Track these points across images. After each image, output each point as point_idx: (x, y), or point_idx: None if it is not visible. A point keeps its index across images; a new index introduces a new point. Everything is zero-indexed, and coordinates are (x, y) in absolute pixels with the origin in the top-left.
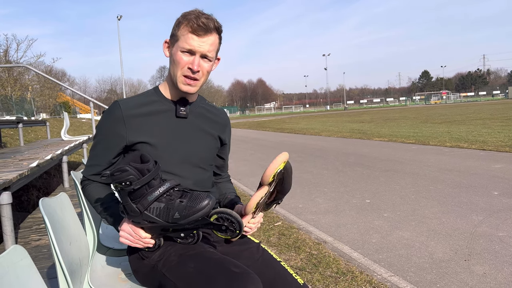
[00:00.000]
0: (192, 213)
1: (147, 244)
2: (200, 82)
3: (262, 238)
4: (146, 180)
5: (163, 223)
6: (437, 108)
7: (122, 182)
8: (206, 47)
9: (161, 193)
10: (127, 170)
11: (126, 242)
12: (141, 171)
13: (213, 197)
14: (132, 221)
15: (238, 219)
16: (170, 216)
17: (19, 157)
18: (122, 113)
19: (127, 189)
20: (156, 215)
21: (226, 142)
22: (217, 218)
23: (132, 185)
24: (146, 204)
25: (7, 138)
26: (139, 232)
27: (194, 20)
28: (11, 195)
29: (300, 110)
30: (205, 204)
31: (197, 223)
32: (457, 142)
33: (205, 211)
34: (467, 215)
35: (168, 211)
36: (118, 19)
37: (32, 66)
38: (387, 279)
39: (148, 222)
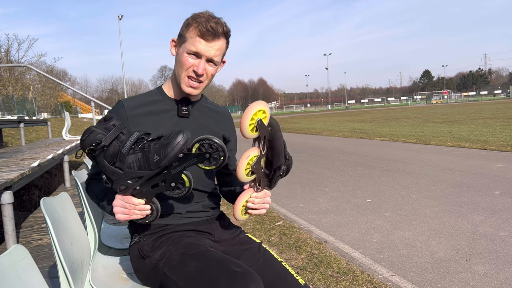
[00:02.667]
0: (170, 149)
1: (143, 210)
2: (203, 84)
3: (263, 237)
4: (115, 134)
5: (147, 172)
6: (439, 108)
7: (92, 143)
8: (213, 51)
9: (132, 141)
10: (94, 130)
11: (123, 217)
12: (107, 128)
13: (186, 130)
14: (119, 190)
15: (220, 144)
16: (151, 161)
17: (21, 156)
18: (125, 112)
19: (99, 149)
20: (137, 167)
21: (230, 140)
22: (199, 148)
23: (102, 142)
24: (123, 157)
25: (8, 138)
26: (131, 199)
27: (203, 24)
28: (13, 194)
29: (301, 110)
30: (180, 137)
31: (181, 161)
32: (458, 142)
33: (182, 142)
34: (468, 215)
35: (147, 157)
36: (119, 19)
37: (33, 65)
38: (388, 278)
39: (133, 180)
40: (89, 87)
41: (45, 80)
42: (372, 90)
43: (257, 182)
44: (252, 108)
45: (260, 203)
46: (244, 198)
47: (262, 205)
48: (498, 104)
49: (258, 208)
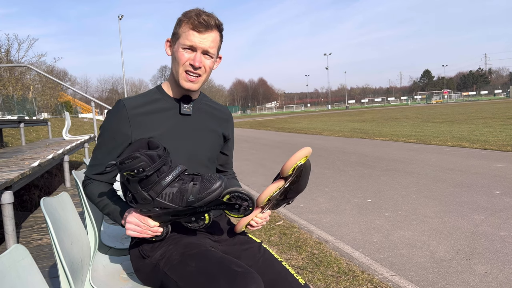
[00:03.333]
0: (206, 194)
1: (155, 232)
2: (202, 78)
3: (263, 237)
4: (158, 166)
5: (176, 207)
6: (439, 108)
7: (134, 170)
8: (207, 43)
9: (174, 177)
10: (139, 157)
11: (133, 234)
12: (152, 157)
13: (224, 178)
14: (140, 211)
15: (250, 196)
16: (184, 199)
17: (21, 156)
18: (127, 112)
19: (139, 177)
20: (169, 200)
21: (230, 137)
22: (229, 198)
23: (145, 171)
24: (159, 190)
25: (9, 138)
26: (147, 221)
27: (194, 17)
28: (13, 194)
29: (301, 110)
30: (218, 185)
31: (210, 204)
32: (458, 142)
33: (219, 192)
34: (468, 215)
35: (182, 195)
36: (119, 19)
37: (33, 65)
38: (389, 278)
39: (159, 208)
40: (89, 87)
41: (45, 80)
42: (372, 90)
43: (267, 206)
44: (300, 154)
45: (261, 223)
46: (251, 217)
47: (262, 223)
48: (498, 103)
49: (257, 226)
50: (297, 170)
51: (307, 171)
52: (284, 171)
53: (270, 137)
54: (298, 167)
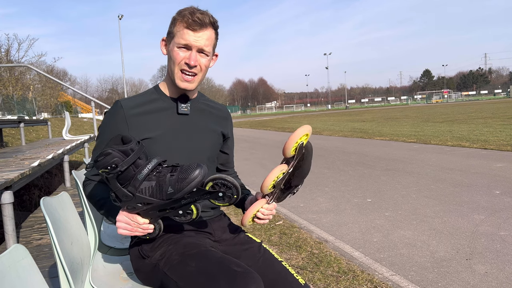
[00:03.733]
0: (185, 184)
1: (146, 229)
2: (198, 77)
3: (263, 237)
4: (131, 160)
5: (157, 201)
6: (439, 107)
7: (107, 167)
8: (202, 41)
9: (149, 169)
10: (110, 153)
11: (124, 232)
12: (125, 152)
13: (204, 165)
14: (126, 208)
15: (234, 183)
16: (164, 192)
17: (21, 156)
18: (124, 112)
19: (113, 173)
20: (149, 195)
21: (229, 136)
22: (213, 186)
23: (118, 167)
24: (137, 184)
25: (8, 138)
26: (136, 218)
27: (189, 16)
28: (13, 194)
29: (301, 109)
30: (197, 173)
31: (193, 195)
32: (458, 141)
33: (199, 180)
34: (468, 214)
35: (161, 187)
36: (119, 19)
37: (33, 65)
38: (389, 278)
39: (142, 204)
40: (89, 87)
41: (45, 80)
42: (372, 90)
43: (273, 196)
44: (300, 131)
45: (267, 214)
46: (256, 207)
47: (268, 216)
48: (498, 103)
49: (264, 218)
50: (299, 150)
51: (309, 153)
52: (286, 151)
53: (270, 137)
54: (300, 146)
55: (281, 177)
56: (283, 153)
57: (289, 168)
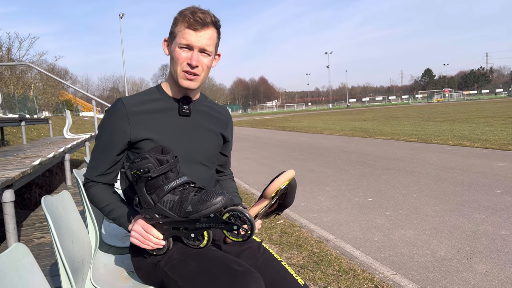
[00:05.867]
0: (205, 207)
1: (157, 245)
2: (200, 77)
3: (264, 236)
4: (163, 170)
5: (175, 217)
6: (440, 106)
7: (140, 169)
8: (204, 41)
9: (177, 184)
10: (147, 158)
11: (136, 242)
12: (160, 161)
13: (227, 194)
14: (144, 217)
15: (250, 219)
16: (183, 209)
17: (22, 155)
18: (125, 109)
19: (144, 177)
20: (169, 208)
21: (229, 139)
22: (229, 217)
23: (149, 172)
24: (162, 194)
25: (10, 136)
26: (151, 230)
27: (190, 16)
28: (14, 192)
29: (302, 108)
30: (219, 200)
31: (209, 220)
32: (459, 141)
33: (218, 206)
34: (469, 214)
35: (182, 204)
36: (120, 18)
37: (34, 64)
38: (389, 277)
39: (159, 216)
40: (90, 85)
41: (46, 78)
42: (373, 89)
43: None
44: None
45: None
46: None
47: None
48: (500, 102)
49: None
50: (280, 192)
51: (293, 189)
52: (267, 194)
53: (271, 136)
54: (282, 189)
55: (264, 209)
56: (264, 194)
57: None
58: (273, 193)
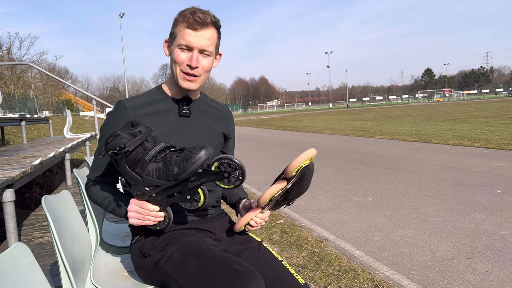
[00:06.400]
0: (191, 163)
1: (156, 217)
2: (201, 78)
3: (264, 236)
4: (139, 141)
5: (165, 183)
6: (440, 106)
7: (116, 147)
8: (203, 41)
9: (157, 151)
10: (119, 134)
11: (136, 222)
12: (133, 134)
13: (209, 147)
14: (136, 195)
15: (240, 164)
16: (170, 173)
17: (22, 154)
18: (127, 112)
19: (122, 153)
20: (156, 176)
21: (231, 136)
22: (218, 166)
23: (126, 147)
24: (145, 165)
25: (10, 136)
26: (146, 205)
27: (189, 16)
28: (14, 192)
29: (302, 108)
30: (202, 153)
31: (199, 176)
32: (460, 140)
33: (203, 159)
34: (469, 213)
35: (167, 168)
36: (120, 17)
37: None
38: (390, 277)
39: (150, 188)
40: (90, 85)
41: (47, 78)
42: (374, 89)
43: (267, 207)
44: (305, 155)
45: (260, 223)
46: (250, 216)
47: (261, 223)
48: (500, 102)
49: (257, 226)
50: (300, 172)
51: (310, 173)
52: (288, 172)
53: (271, 136)
54: (302, 169)
55: (279, 192)
56: (285, 173)
57: (287, 185)
58: (294, 171)
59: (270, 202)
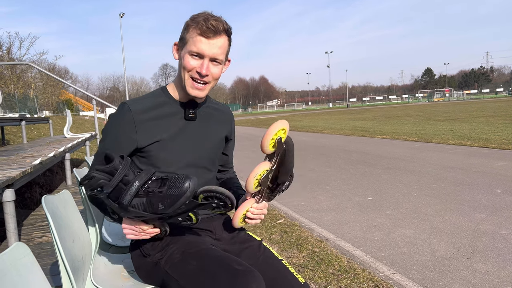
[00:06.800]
0: (174, 200)
1: (152, 233)
2: (209, 85)
3: (264, 235)
4: (116, 180)
5: (152, 216)
6: (440, 106)
7: (94, 189)
8: (215, 49)
9: (137, 187)
10: (94, 176)
11: (132, 237)
12: (110, 172)
13: (193, 177)
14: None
15: (226, 194)
16: (155, 208)
17: (22, 154)
18: (133, 116)
19: (102, 195)
20: (143, 210)
21: (231, 138)
22: (205, 197)
23: (104, 189)
24: (127, 202)
25: (10, 136)
26: (140, 225)
27: (203, 23)
28: (14, 192)
29: (302, 108)
30: (186, 188)
31: (187, 207)
32: (460, 140)
33: (188, 195)
34: (469, 213)
35: (152, 204)
36: (120, 17)
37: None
38: (390, 276)
39: (139, 217)
40: (90, 85)
41: (47, 78)
42: (374, 88)
43: (260, 194)
44: (275, 126)
45: (258, 214)
46: (245, 207)
47: (259, 216)
48: (500, 102)
49: (255, 218)
50: (278, 145)
51: (291, 148)
52: (264, 147)
53: None
54: (279, 141)
55: (265, 174)
56: (262, 150)
57: (272, 165)
58: (270, 145)
59: (260, 187)
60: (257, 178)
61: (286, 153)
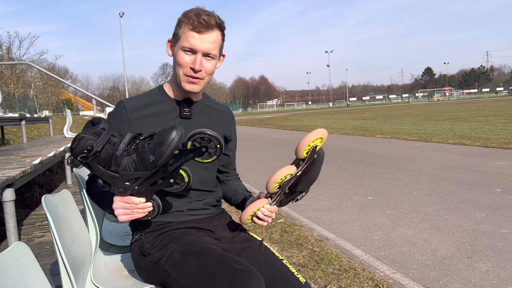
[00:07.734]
0: (165, 148)
1: (145, 208)
2: (204, 81)
3: (264, 235)
4: (105, 138)
5: (144, 173)
6: (440, 105)
7: (83, 151)
8: (207, 44)
9: (126, 143)
10: (83, 137)
11: (125, 218)
12: (97, 133)
13: (179, 126)
14: (118, 192)
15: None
16: (147, 161)
17: (22, 154)
18: (127, 114)
19: (91, 156)
20: (134, 169)
21: (232, 138)
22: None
23: (94, 148)
24: (118, 160)
25: (10, 135)
26: (131, 199)
27: (194, 18)
28: (14, 192)
29: (302, 107)
30: (174, 134)
31: (177, 158)
32: (460, 139)
33: (177, 140)
34: (470, 212)
35: (142, 158)
36: (120, 17)
37: (34, 63)
38: (390, 276)
39: (131, 182)
40: (90, 84)
41: (47, 77)
42: (374, 88)
43: (276, 197)
44: (315, 134)
45: (267, 215)
46: (258, 206)
47: (267, 218)
48: (500, 101)
49: (263, 219)
50: (311, 153)
51: (321, 159)
52: (299, 151)
53: (271, 135)
54: (313, 149)
55: (288, 178)
56: (296, 153)
57: (298, 171)
58: (305, 151)
59: (279, 189)
60: (281, 179)
61: (316, 162)
